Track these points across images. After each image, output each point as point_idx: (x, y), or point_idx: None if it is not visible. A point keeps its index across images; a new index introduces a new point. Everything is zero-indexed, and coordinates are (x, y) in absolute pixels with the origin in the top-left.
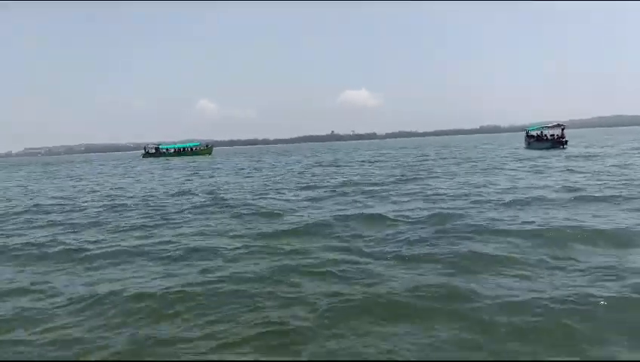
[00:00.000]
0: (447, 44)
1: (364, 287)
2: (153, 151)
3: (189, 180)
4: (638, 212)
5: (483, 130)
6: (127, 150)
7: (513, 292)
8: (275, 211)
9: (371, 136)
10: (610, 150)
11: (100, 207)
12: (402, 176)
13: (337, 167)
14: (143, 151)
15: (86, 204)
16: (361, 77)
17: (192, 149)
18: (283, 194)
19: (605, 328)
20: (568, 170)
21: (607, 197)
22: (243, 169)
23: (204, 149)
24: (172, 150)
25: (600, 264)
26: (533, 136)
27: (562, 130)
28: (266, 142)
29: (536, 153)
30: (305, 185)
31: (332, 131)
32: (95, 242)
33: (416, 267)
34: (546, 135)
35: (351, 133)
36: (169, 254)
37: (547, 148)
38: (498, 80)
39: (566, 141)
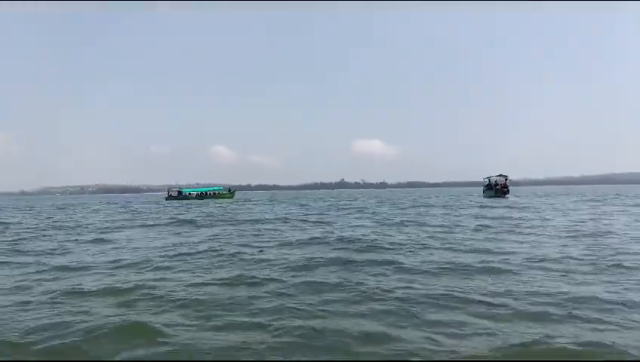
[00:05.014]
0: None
1: None
2: (176, 194)
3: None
4: None
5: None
6: (140, 192)
7: None
8: None
9: (381, 186)
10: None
11: None
12: None
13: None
14: (165, 194)
15: None
16: (372, 126)
17: (214, 193)
18: None
19: None
20: None
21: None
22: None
23: (227, 193)
24: (194, 194)
25: None
26: (487, 185)
27: (505, 180)
28: (276, 187)
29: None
30: None
31: (342, 179)
32: None
33: None
34: (496, 183)
35: (360, 182)
36: None
37: (492, 197)
38: (512, 131)
39: (507, 190)
